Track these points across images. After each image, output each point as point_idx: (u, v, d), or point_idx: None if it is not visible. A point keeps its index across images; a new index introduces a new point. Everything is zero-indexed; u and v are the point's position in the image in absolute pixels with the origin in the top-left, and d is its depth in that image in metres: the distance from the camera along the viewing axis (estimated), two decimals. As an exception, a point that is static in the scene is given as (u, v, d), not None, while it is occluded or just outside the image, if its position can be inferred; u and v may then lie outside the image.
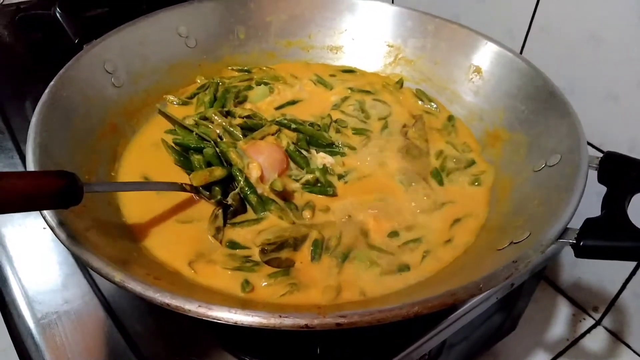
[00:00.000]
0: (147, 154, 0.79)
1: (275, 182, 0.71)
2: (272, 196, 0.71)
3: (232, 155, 0.73)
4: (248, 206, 0.71)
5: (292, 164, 0.77)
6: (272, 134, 0.80)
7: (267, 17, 0.99)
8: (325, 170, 0.76)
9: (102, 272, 0.51)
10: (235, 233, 0.67)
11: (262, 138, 0.80)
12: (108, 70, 0.81)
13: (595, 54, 0.85)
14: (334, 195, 0.73)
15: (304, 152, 0.79)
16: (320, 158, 0.78)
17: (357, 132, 0.85)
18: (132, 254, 0.61)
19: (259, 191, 0.71)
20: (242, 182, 0.70)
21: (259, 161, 0.73)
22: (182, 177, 0.73)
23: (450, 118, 0.90)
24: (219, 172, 0.71)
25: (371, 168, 0.79)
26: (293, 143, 0.79)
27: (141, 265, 0.59)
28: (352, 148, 0.81)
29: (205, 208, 0.70)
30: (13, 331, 0.68)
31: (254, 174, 0.72)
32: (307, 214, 0.70)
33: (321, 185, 0.74)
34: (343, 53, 1.02)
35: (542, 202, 0.63)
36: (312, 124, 0.84)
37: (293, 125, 0.83)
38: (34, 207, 0.51)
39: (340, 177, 0.76)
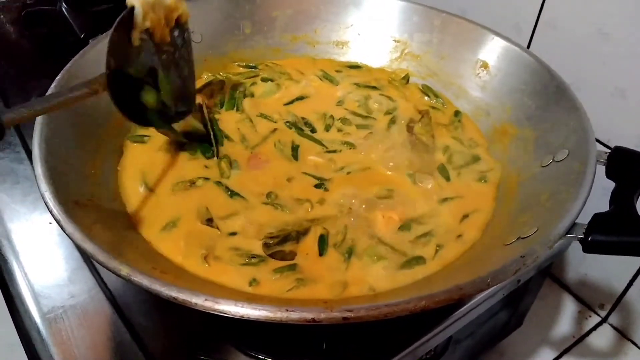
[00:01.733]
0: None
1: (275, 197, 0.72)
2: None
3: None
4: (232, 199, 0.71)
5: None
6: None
7: (273, 12, 0.99)
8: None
9: (108, 265, 0.50)
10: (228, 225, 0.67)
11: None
12: (114, 65, 0.81)
13: (602, 49, 0.84)
14: (327, 190, 0.73)
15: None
16: (311, 161, 0.78)
17: (362, 128, 0.85)
18: (139, 248, 0.61)
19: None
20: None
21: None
22: (195, 170, 0.75)
23: (457, 113, 0.89)
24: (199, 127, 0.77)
25: (373, 163, 0.78)
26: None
27: (148, 259, 0.59)
28: (352, 145, 0.81)
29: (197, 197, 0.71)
30: (19, 326, 0.68)
31: None
32: (307, 206, 0.70)
33: (316, 185, 0.74)
34: (349, 48, 1.01)
35: (549, 197, 0.63)
36: (312, 130, 0.84)
37: (293, 129, 0.83)
38: None
39: (337, 171, 0.76)
